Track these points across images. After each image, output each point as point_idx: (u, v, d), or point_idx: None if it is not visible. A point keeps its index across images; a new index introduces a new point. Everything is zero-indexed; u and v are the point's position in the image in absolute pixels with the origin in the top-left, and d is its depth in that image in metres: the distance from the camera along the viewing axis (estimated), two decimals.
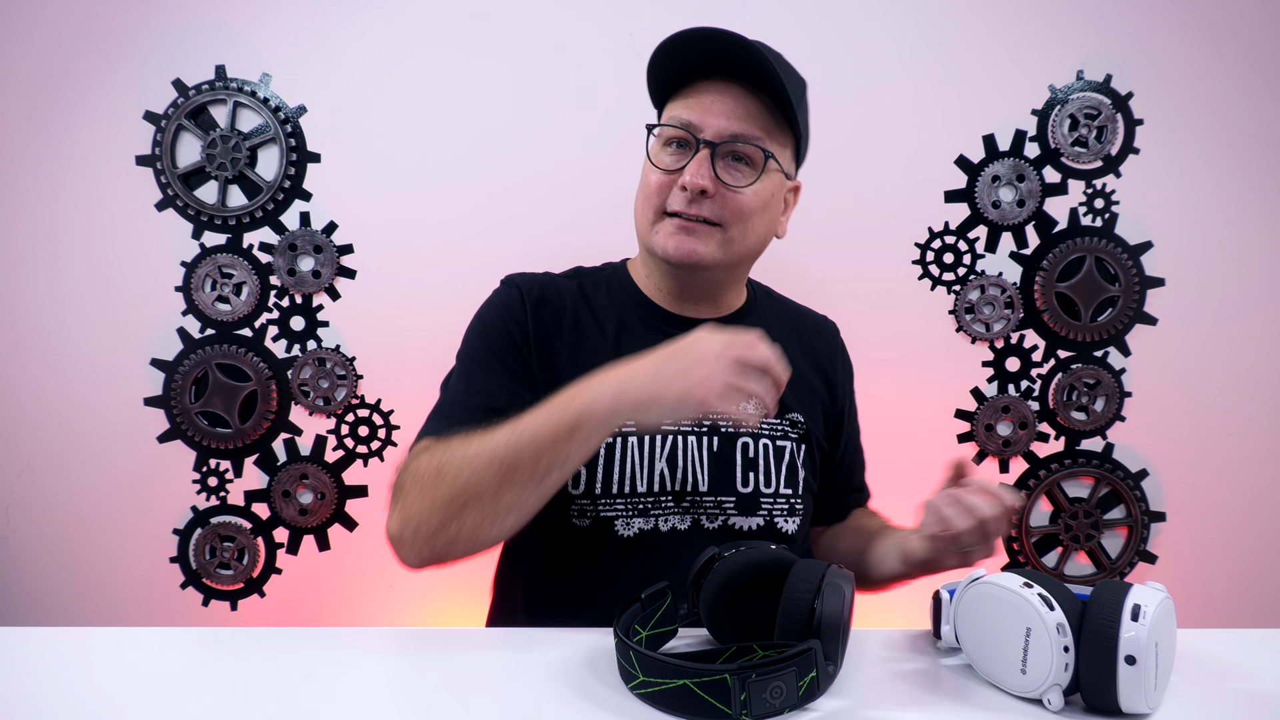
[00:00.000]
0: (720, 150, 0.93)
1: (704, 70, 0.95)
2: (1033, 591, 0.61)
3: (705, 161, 0.92)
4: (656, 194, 0.96)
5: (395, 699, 0.65)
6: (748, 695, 0.57)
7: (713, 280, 1.01)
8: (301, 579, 1.68)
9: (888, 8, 1.61)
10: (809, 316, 1.17)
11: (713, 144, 0.93)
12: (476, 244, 1.63)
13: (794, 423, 1.03)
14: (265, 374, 1.64)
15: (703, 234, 0.95)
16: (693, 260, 0.95)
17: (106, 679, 0.67)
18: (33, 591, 1.67)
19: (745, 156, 0.95)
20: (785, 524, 0.99)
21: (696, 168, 0.92)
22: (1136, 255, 1.63)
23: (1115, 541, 1.69)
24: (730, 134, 0.93)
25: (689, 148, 0.95)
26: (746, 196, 0.95)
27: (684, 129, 0.94)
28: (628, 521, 0.94)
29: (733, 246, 0.97)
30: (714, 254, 0.96)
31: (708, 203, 0.94)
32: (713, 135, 0.93)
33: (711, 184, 0.93)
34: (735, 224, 0.95)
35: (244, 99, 1.60)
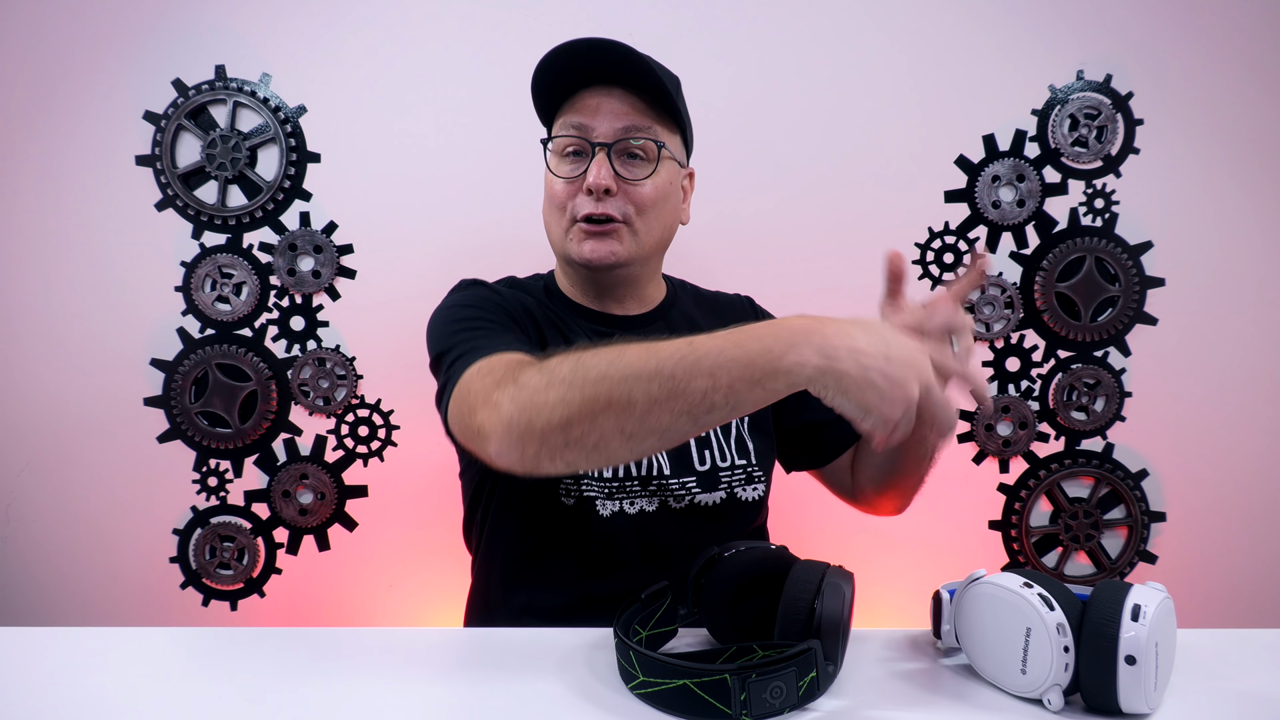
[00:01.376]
0: (615, 149, 0.98)
1: (583, 81, 1.00)
2: (1033, 591, 0.61)
3: (603, 162, 0.97)
4: (563, 202, 1.01)
5: (395, 699, 0.65)
6: (748, 695, 0.57)
7: (631, 276, 1.05)
8: (301, 579, 1.68)
9: (888, 8, 1.61)
10: (724, 299, 1.21)
11: (607, 144, 0.97)
12: (477, 243, 1.63)
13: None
14: (265, 374, 1.64)
15: (614, 233, 0.99)
16: (611, 261, 0.99)
17: (106, 679, 0.67)
18: (33, 591, 1.67)
19: (639, 151, 0.99)
20: (745, 493, 1.03)
21: (597, 169, 0.96)
22: (1136, 255, 1.63)
23: (1115, 541, 1.69)
24: (622, 130, 0.98)
25: (585, 154, 0.99)
26: (647, 189, 0.99)
27: (578, 135, 0.99)
28: (604, 503, 0.98)
29: (643, 239, 1.01)
30: (628, 250, 1.00)
31: (612, 200, 0.98)
32: (605, 136, 0.98)
33: (613, 182, 0.97)
34: (640, 217, 1.00)
35: (244, 99, 1.60)
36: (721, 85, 1.59)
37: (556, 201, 1.02)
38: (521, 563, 1.03)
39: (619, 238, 1.00)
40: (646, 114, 0.99)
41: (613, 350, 0.72)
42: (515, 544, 1.03)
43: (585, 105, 1.00)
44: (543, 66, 1.01)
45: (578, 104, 1.00)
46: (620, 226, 1.00)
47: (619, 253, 1.00)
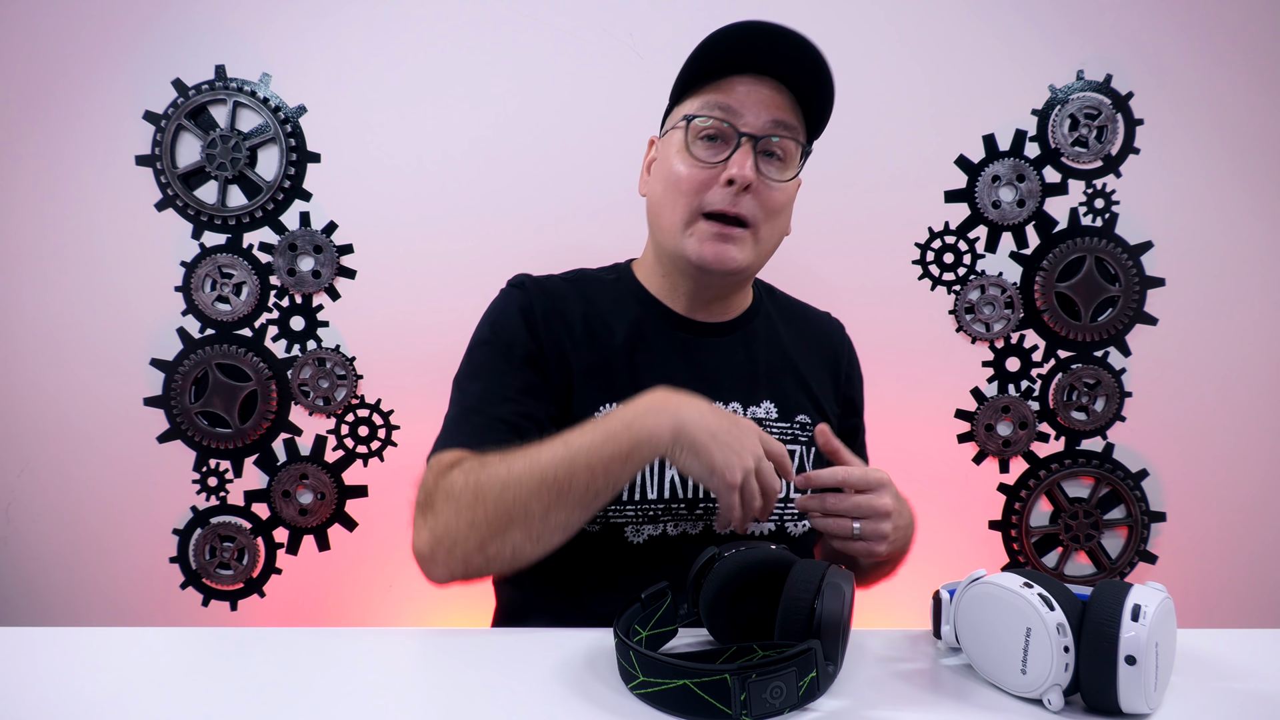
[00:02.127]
0: (760, 144, 0.90)
1: (735, 66, 0.92)
2: (1033, 591, 0.61)
3: (750, 153, 0.89)
4: (694, 191, 0.91)
5: (395, 699, 0.64)
6: (748, 695, 0.57)
7: (735, 283, 0.99)
8: (301, 579, 1.68)
9: (888, 8, 1.61)
10: (812, 314, 1.15)
11: (755, 136, 0.90)
12: (476, 244, 1.63)
13: (803, 425, 1.02)
14: (265, 374, 1.64)
15: (739, 239, 0.92)
16: (729, 265, 0.92)
17: (106, 679, 0.67)
18: (33, 591, 1.67)
19: (779, 151, 0.92)
20: (794, 528, 0.99)
21: (744, 159, 0.88)
22: (1136, 255, 1.63)
23: (1115, 541, 1.69)
24: (771, 124, 0.90)
25: (726, 141, 0.91)
26: (781, 192, 0.92)
27: (724, 118, 0.90)
28: (638, 528, 0.93)
29: (762, 247, 0.95)
30: (746, 257, 0.93)
31: (747, 199, 0.90)
32: (754, 127, 0.90)
33: (758, 177, 0.90)
34: (766, 222, 0.93)
35: (244, 99, 1.60)
36: None
37: (683, 188, 0.92)
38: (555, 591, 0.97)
39: (741, 244, 0.92)
40: (794, 114, 0.92)
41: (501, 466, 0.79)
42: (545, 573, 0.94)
43: (735, 90, 0.91)
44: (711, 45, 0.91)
45: (725, 87, 0.91)
46: (746, 232, 0.92)
47: (739, 260, 0.92)
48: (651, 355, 0.97)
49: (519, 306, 0.98)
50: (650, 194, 0.98)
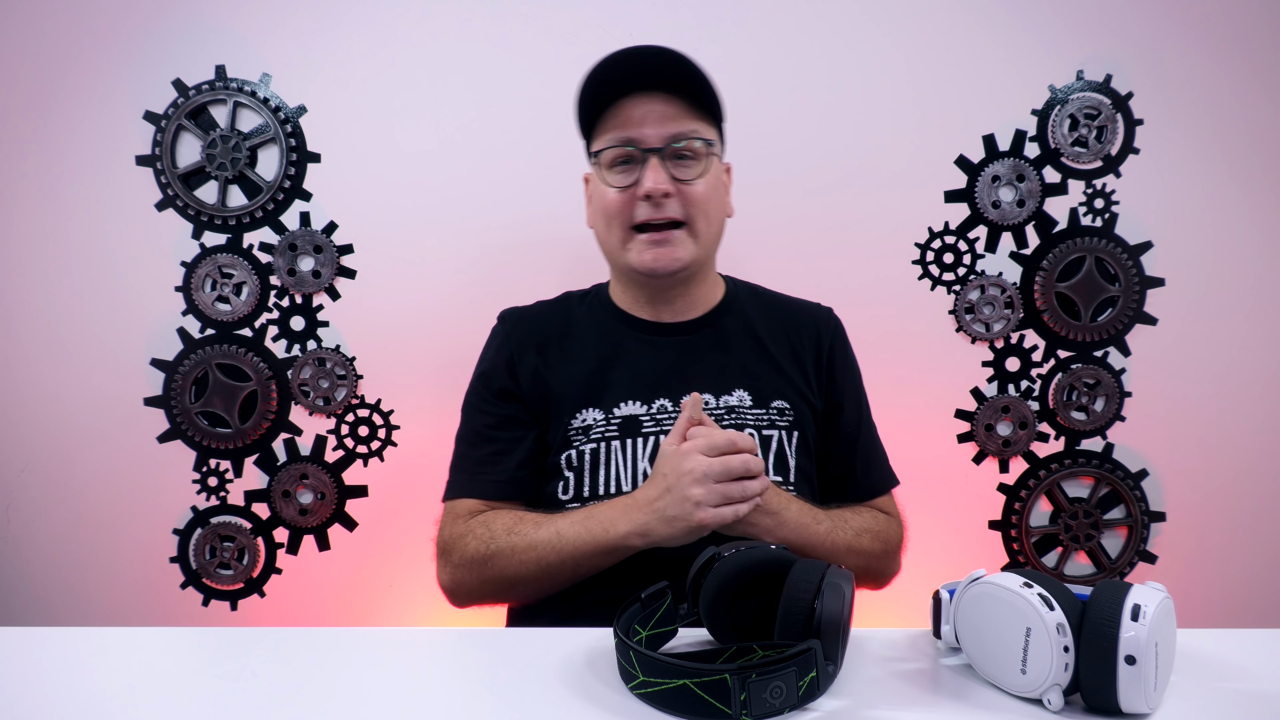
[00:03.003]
0: (666, 153, 0.99)
1: (621, 90, 1.01)
2: (1033, 591, 0.61)
3: (658, 166, 0.99)
4: (620, 212, 1.02)
5: (395, 699, 0.65)
6: (748, 695, 0.57)
7: (690, 278, 1.06)
8: (301, 579, 1.68)
9: (888, 8, 1.61)
10: (796, 305, 1.18)
11: (658, 149, 0.99)
12: (477, 243, 1.63)
13: (780, 410, 1.06)
14: (265, 374, 1.64)
15: (675, 238, 1.01)
16: (676, 266, 1.01)
17: (106, 679, 0.67)
18: (33, 591, 1.67)
19: (688, 152, 1.00)
20: None
21: (653, 175, 0.98)
22: (1136, 255, 1.63)
23: (1115, 541, 1.69)
24: (671, 135, 0.99)
25: (635, 162, 1.00)
26: (701, 187, 1.01)
27: (628, 145, 1.00)
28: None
29: (703, 239, 1.03)
30: (691, 252, 1.02)
31: (670, 203, 0.99)
32: (655, 141, 0.99)
33: (671, 185, 0.99)
34: (699, 217, 1.01)
35: (244, 99, 1.60)
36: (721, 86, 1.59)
37: (611, 212, 1.03)
38: None
39: (680, 243, 1.01)
40: (690, 114, 1.00)
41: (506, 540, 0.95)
42: None
43: (629, 115, 1.00)
44: (590, 82, 1.01)
45: (621, 115, 1.01)
46: (681, 231, 1.01)
47: (682, 258, 1.01)
48: (625, 359, 1.07)
49: (498, 342, 1.11)
50: (593, 225, 1.10)
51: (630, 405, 1.04)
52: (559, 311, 1.14)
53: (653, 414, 1.04)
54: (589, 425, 1.04)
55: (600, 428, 1.03)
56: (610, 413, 1.04)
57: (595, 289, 1.17)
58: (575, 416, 1.04)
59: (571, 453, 1.03)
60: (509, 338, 1.10)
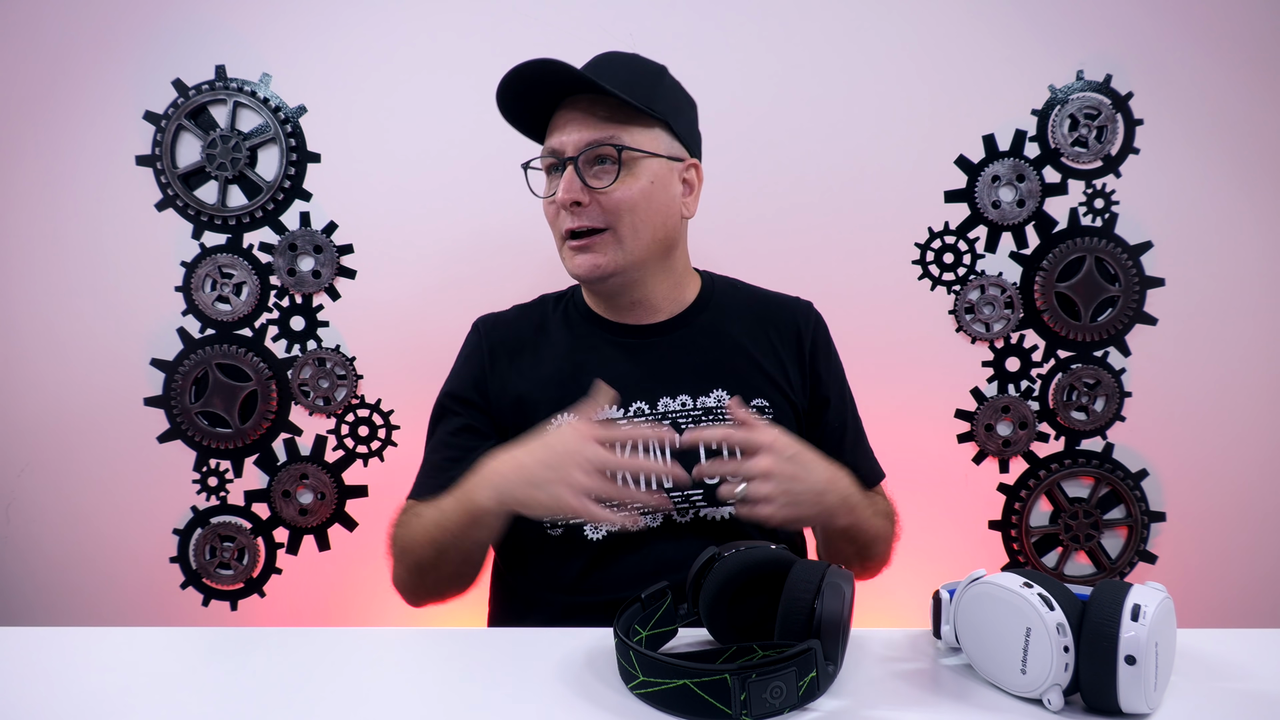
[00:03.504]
0: (582, 160, 0.98)
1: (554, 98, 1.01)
2: (1033, 591, 0.61)
3: (571, 176, 0.98)
4: (552, 221, 1.03)
5: (395, 699, 0.65)
6: (748, 695, 0.57)
7: (629, 283, 1.04)
8: (301, 579, 1.68)
9: (888, 8, 1.61)
10: (776, 300, 1.16)
11: (573, 158, 0.98)
12: (477, 243, 1.63)
13: (760, 409, 1.05)
14: (265, 374, 1.64)
15: (596, 246, 0.99)
16: (598, 273, 1.00)
17: (106, 679, 0.67)
18: (33, 591, 1.67)
19: (607, 158, 0.99)
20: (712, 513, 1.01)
21: (564, 185, 0.97)
22: (1136, 255, 1.63)
23: (1115, 541, 1.69)
24: (585, 143, 0.98)
25: (560, 169, 1.00)
26: (618, 194, 0.98)
27: (551, 157, 1.01)
28: (595, 527, 0.97)
29: (629, 245, 1.00)
30: (613, 259, 1.00)
31: (587, 211, 0.98)
32: (571, 150, 0.98)
33: (582, 193, 0.98)
34: (620, 222, 0.99)
35: (244, 99, 1.60)
36: (721, 87, 1.59)
37: (549, 221, 1.04)
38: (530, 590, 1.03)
39: (601, 249, 0.99)
40: (609, 121, 0.98)
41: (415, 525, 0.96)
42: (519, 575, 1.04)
43: (556, 124, 1.01)
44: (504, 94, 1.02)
45: (554, 123, 1.02)
46: (603, 236, 0.99)
47: (602, 264, 0.99)
48: (599, 363, 1.06)
49: (469, 351, 1.12)
50: None
51: (606, 410, 1.02)
52: (534, 315, 1.13)
53: (629, 417, 1.02)
54: None
55: None
56: None
57: (571, 291, 1.16)
58: (549, 422, 1.02)
59: None
60: (479, 347, 1.10)
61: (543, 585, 1.01)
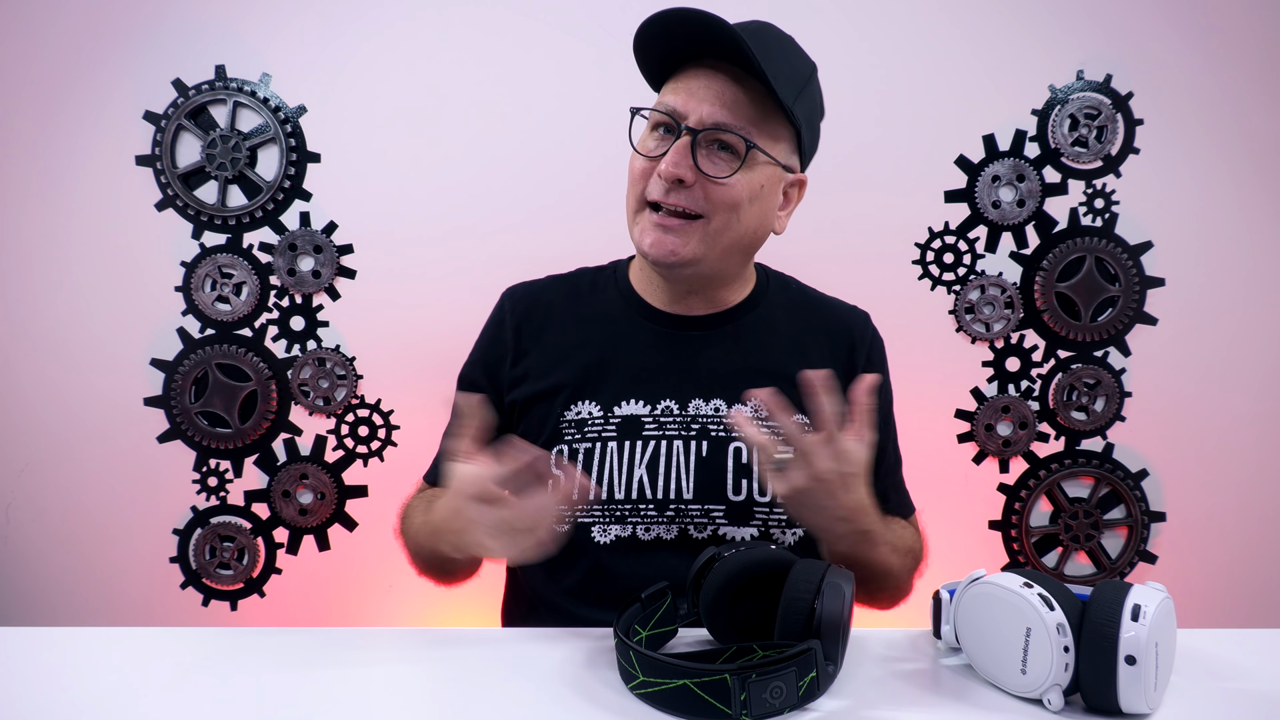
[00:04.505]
0: (703, 138, 0.88)
1: (694, 54, 0.90)
2: (1033, 591, 0.61)
3: (685, 150, 0.87)
4: (639, 180, 0.91)
5: (395, 699, 0.65)
6: (748, 695, 0.57)
7: (700, 277, 0.95)
8: (301, 579, 1.68)
9: (888, 8, 1.61)
10: (833, 306, 1.08)
11: (694, 131, 0.87)
12: (476, 243, 1.63)
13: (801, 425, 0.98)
14: (265, 374, 1.64)
15: (682, 231, 0.89)
16: (673, 259, 0.90)
17: (106, 679, 0.67)
18: (33, 591, 1.67)
19: (729, 145, 0.89)
20: (783, 536, 0.95)
21: (674, 156, 0.87)
22: (1136, 255, 1.63)
23: (1115, 541, 1.69)
24: (714, 122, 0.87)
25: (674, 133, 0.89)
26: (728, 187, 0.88)
27: (668, 114, 0.89)
28: (604, 528, 0.93)
29: (718, 239, 0.91)
30: (696, 250, 0.90)
31: (686, 193, 0.88)
32: (695, 122, 0.88)
33: (690, 173, 0.87)
34: (718, 214, 0.89)
35: (244, 99, 1.60)
36: None
37: (632, 177, 0.92)
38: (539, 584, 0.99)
39: (687, 236, 0.89)
40: (748, 110, 0.88)
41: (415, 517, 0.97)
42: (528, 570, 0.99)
43: (686, 85, 0.89)
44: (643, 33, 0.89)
45: (681, 81, 0.90)
46: (694, 224, 0.89)
47: (681, 252, 0.89)
48: (631, 351, 0.98)
49: (490, 326, 1.06)
50: None
51: (632, 404, 0.95)
52: (569, 287, 1.04)
53: (656, 415, 0.95)
54: (584, 420, 0.95)
55: (598, 425, 0.95)
56: (610, 410, 0.95)
57: (614, 266, 1.06)
58: (570, 408, 0.96)
59: (563, 448, 0.95)
60: (501, 324, 1.03)
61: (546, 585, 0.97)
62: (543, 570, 0.97)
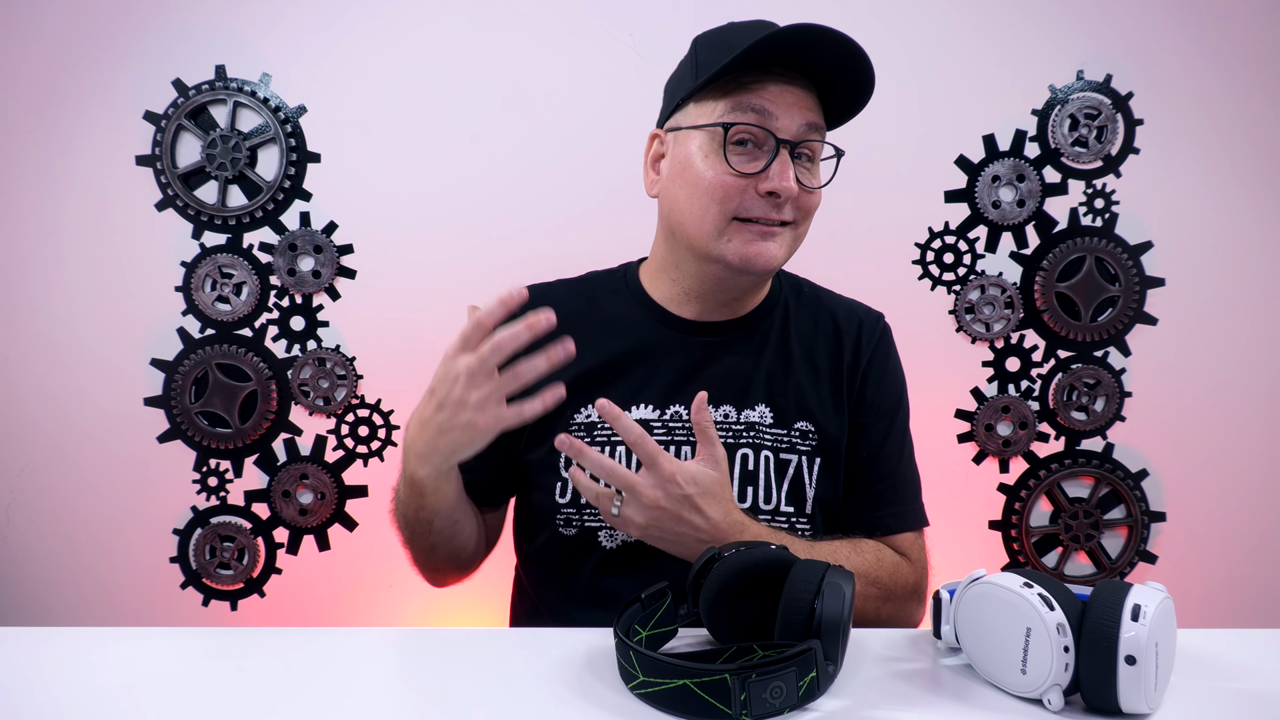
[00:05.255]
0: (797, 150, 0.88)
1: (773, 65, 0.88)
2: (1033, 591, 0.61)
3: (789, 163, 0.86)
4: (728, 199, 0.87)
5: (395, 699, 0.65)
6: (748, 695, 0.57)
7: (763, 279, 0.96)
8: (301, 579, 1.68)
9: (888, 8, 1.61)
10: (845, 307, 1.07)
11: (791, 143, 0.87)
12: (477, 243, 1.63)
13: (804, 433, 0.95)
14: (265, 374, 1.64)
15: (780, 235, 0.89)
16: (772, 265, 0.89)
17: (106, 679, 0.67)
18: (33, 591, 1.67)
19: (809, 152, 0.90)
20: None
21: (785, 171, 0.86)
22: (1136, 255, 1.63)
23: (1115, 541, 1.69)
24: (804, 128, 0.88)
25: (759, 145, 0.87)
26: (816, 195, 0.91)
27: (759, 124, 0.87)
28: (611, 533, 0.92)
29: (794, 247, 0.93)
30: (785, 255, 0.92)
31: (788, 205, 0.88)
32: (788, 132, 0.87)
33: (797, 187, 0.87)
34: (805, 220, 0.92)
35: (244, 99, 1.60)
36: None
37: (716, 195, 0.87)
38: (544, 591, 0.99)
39: (782, 242, 0.90)
40: (819, 108, 0.90)
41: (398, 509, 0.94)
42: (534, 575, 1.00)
43: (768, 92, 0.87)
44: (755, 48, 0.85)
45: (756, 88, 0.87)
46: (785, 230, 0.90)
47: (779, 257, 0.90)
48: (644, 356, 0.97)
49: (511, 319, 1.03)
50: (669, 196, 0.93)
51: (642, 409, 0.95)
52: (581, 293, 1.03)
53: (665, 420, 0.94)
54: (594, 423, 0.95)
55: (606, 429, 0.94)
56: None
57: (624, 270, 1.05)
58: (580, 411, 0.95)
59: None
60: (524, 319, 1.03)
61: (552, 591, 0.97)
62: (548, 577, 0.98)
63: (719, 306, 0.97)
